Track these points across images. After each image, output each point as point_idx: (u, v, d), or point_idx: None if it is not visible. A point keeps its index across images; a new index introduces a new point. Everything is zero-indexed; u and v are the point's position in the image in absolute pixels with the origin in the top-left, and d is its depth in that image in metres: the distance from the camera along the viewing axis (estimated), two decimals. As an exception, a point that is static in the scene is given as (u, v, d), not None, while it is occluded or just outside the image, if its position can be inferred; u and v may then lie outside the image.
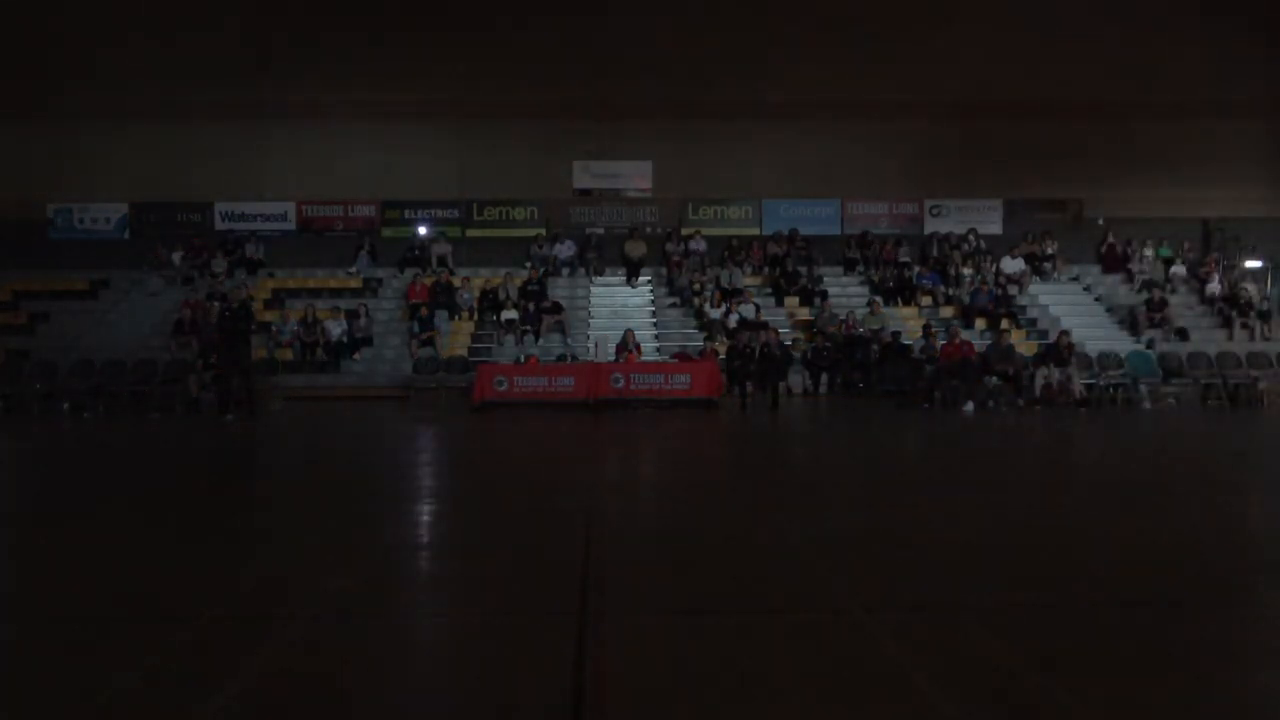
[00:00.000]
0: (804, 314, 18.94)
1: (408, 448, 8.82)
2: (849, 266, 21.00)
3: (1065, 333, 15.61)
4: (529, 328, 17.91)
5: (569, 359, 16.23)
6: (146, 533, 4.61)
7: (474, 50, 20.70)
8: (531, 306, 18.29)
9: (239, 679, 2.38)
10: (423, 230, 21.23)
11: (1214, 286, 19.36)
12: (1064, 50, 20.73)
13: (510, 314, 18.18)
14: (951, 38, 20.73)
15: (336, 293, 19.76)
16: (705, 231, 21.32)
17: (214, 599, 3.23)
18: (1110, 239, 21.18)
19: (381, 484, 6.57)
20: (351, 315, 18.00)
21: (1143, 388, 15.19)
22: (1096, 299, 20.00)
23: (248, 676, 2.41)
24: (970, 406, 13.72)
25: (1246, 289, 18.69)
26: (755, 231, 21.68)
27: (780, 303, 19.47)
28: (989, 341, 15.82)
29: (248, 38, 20.50)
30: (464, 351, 17.51)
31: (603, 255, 21.05)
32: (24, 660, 2.67)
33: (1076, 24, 20.77)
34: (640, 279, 20.43)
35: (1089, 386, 14.76)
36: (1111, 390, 15.06)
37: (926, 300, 19.43)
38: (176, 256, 20.54)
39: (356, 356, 17.42)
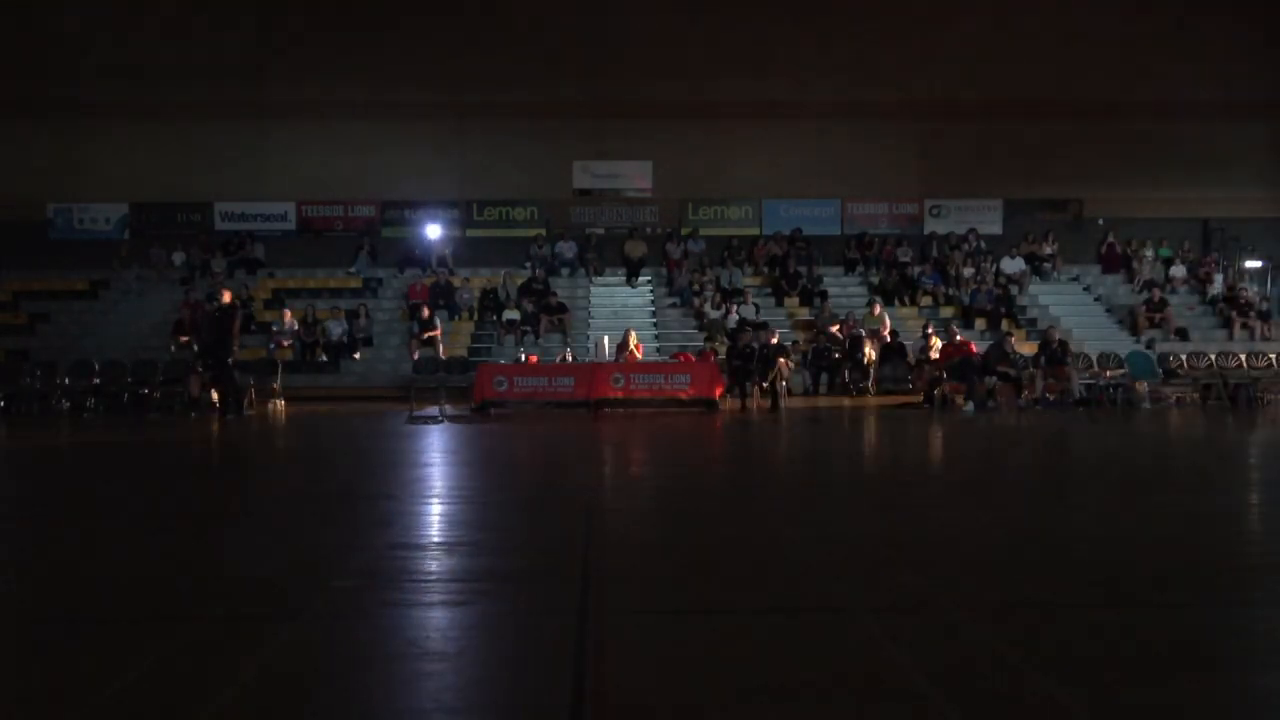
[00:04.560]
0: (804, 314, 18.95)
1: (406, 447, 8.82)
2: (849, 266, 21.00)
3: (1053, 328, 15.67)
4: (529, 328, 17.92)
5: (569, 359, 16.22)
6: (144, 532, 4.61)
7: (474, 50, 20.69)
8: (531, 306, 18.30)
9: (239, 679, 2.38)
10: (432, 235, 21.13)
11: (1216, 287, 19.39)
12: (1064, 50, 20.72)
13: (511, 314, 18.20)
14: (952, 38, 20.72)
15: (336, 293, 19.77)
16: (705, 232, 21.31)
17: (214, 599, 3.23)
18: (1110, 239, 21.18)
19: (380, 483, 6.56)
20: (351, 315, 18.01)
21: (1142, 388, 15.19)
22: (1096, 299, 20.02)
23: (248, 676, 2.41)
24: (970, 406, 13.72)
25: (1246, 289, 18.71)
26: (755, 231, 21.68)
27: (780, 303, 19.48)
28: (989, 341, 15.82)
29: (248, 37, 20.49)
30: (464, 351, 17.52)
31: (603, 255, 21.04)
32: (22, 660, 2.67)
33: (1076, 23, 20.76)
34: (640, 279, 20.44)
35: (1089, 386, 14.76)
36: (1111, 390, 15.06)
37: (926, 300, 19.43)
38: (177, 257, 20.55)
39: (356, 356, 17.42)
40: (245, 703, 2.25)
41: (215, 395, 13.21)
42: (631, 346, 15.42)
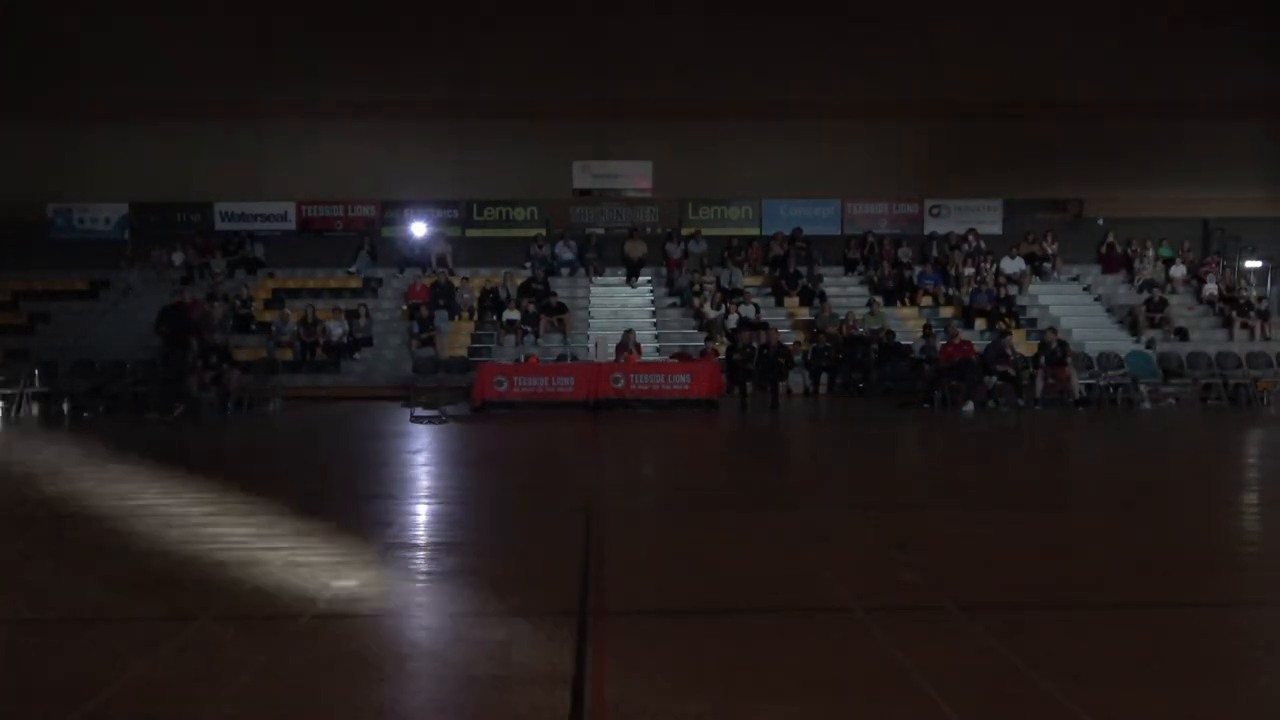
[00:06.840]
0: (804, 314, 18.94)
1: (407, 447, 8.81)
2: (849, 266, 21.00)
3: (1053, 328, 15.66)
4: (529, 328, 17.91)
5: (569, 359, 16.23)
6: (142, 532, 4.61)
7: (474, 50, 20.69)
8: (531, 306, 18.30)
9: (239, 679, 2.38)
10: (419, 234, 21.15)
11: (1210, 288, 19.40)
12: (1064, 50, 20.71)
13: (512, 314, 18.20)
14: (951, 38, 20.72)
15: (336, 293, 19.76)
16: (705, 232, 21.30)
17: (215, 599, 3.23)
18: (1110, 239, 21.18)
19: (380, 483, 6.56)
20: (351, 315, 18.00)
21: (1142, 388, 15.18)
22: (1096, 299, 20.01)
23: (248, 676, 2.41)
24: (970, 407, 13.71)
25: (1246, 289, 18.70)
26: (755, 231, 21.67)
27: (780, 303, 19.47)
28: (989, 341, 15.81)
29: (248, 37, 20.48)
30: (464, 351, 17.52)
31: (603, 255, 21.04)
32: (25, 659, 2.67)
33: (1076, 24, 20.76)
34: (640, 279, 20.44)
35: (1089, 387, 14.75)
36: (1111, 390, 15.05)
37: (926, 300, 19.43)
38: (177, 257, 20.54)
39: (356, 356, 17.42)
40: (246, 702, 2.25)
41: (215, 394, 13.23)
42: (631, 347, 15.42)
